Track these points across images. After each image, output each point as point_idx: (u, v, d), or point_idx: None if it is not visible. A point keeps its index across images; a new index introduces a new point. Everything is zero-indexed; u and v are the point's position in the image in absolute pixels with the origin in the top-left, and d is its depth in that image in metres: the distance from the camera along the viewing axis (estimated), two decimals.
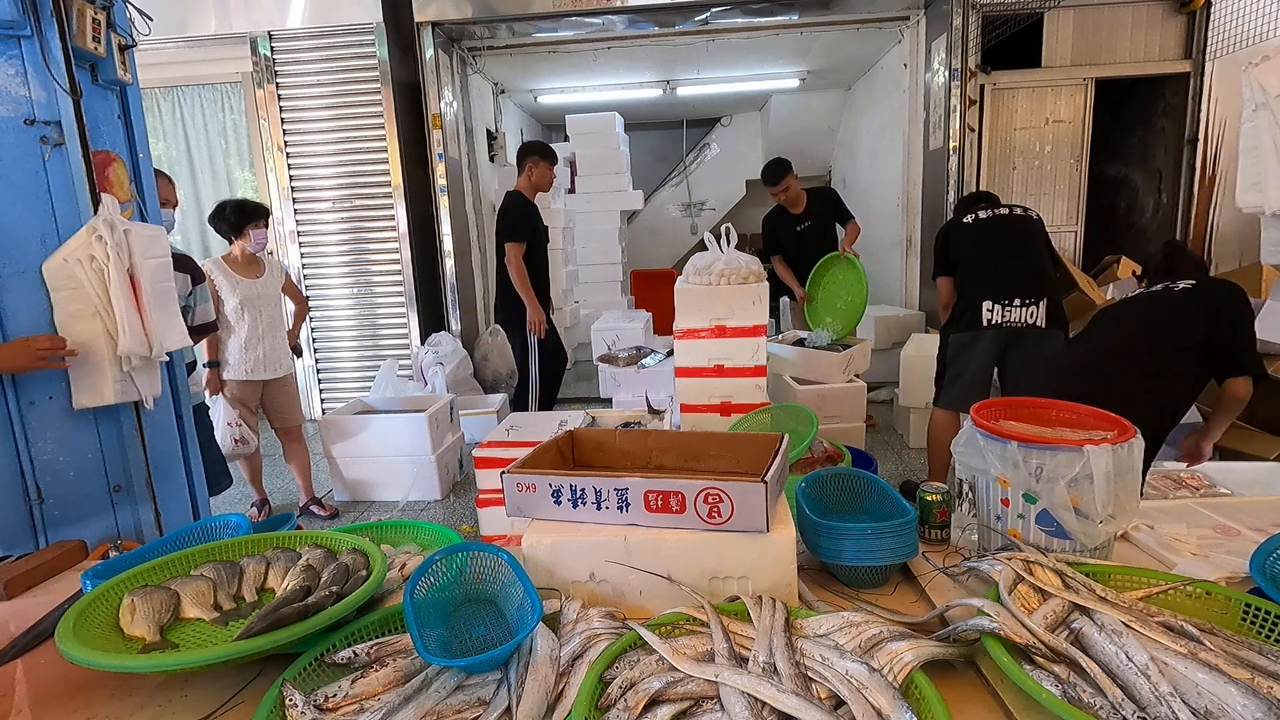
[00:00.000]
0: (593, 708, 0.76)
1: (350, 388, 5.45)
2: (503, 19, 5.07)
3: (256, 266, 3.37)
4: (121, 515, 2.02)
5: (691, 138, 9.98)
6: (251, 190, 5.33)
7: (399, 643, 0.89)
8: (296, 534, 1.17)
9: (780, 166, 4.29)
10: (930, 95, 5.20)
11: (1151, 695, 0.70)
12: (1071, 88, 5.01)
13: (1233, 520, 1.24)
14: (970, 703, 0.81)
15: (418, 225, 5.25)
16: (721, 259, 2.70)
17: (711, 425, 2.57)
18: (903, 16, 5.36)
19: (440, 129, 5.22)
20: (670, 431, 1.71)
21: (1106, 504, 1.01)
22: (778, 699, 0.73)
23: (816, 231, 4.37)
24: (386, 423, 3.70)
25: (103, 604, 0.95)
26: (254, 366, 3.33)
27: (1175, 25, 4.84)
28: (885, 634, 0.84)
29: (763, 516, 0.94)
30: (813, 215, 4.37)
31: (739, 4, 5.01)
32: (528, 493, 1.04)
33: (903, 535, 1.05)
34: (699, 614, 0.90)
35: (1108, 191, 5.70)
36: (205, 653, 0.83)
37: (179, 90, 5.28)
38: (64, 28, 1.79)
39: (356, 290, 5.36)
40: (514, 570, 0.95)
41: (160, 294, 1.98)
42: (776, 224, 4.49)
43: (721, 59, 6.46)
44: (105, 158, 1.96)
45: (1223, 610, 0.86)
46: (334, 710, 0.80)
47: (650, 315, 5.71)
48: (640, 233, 9.74)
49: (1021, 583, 0.90)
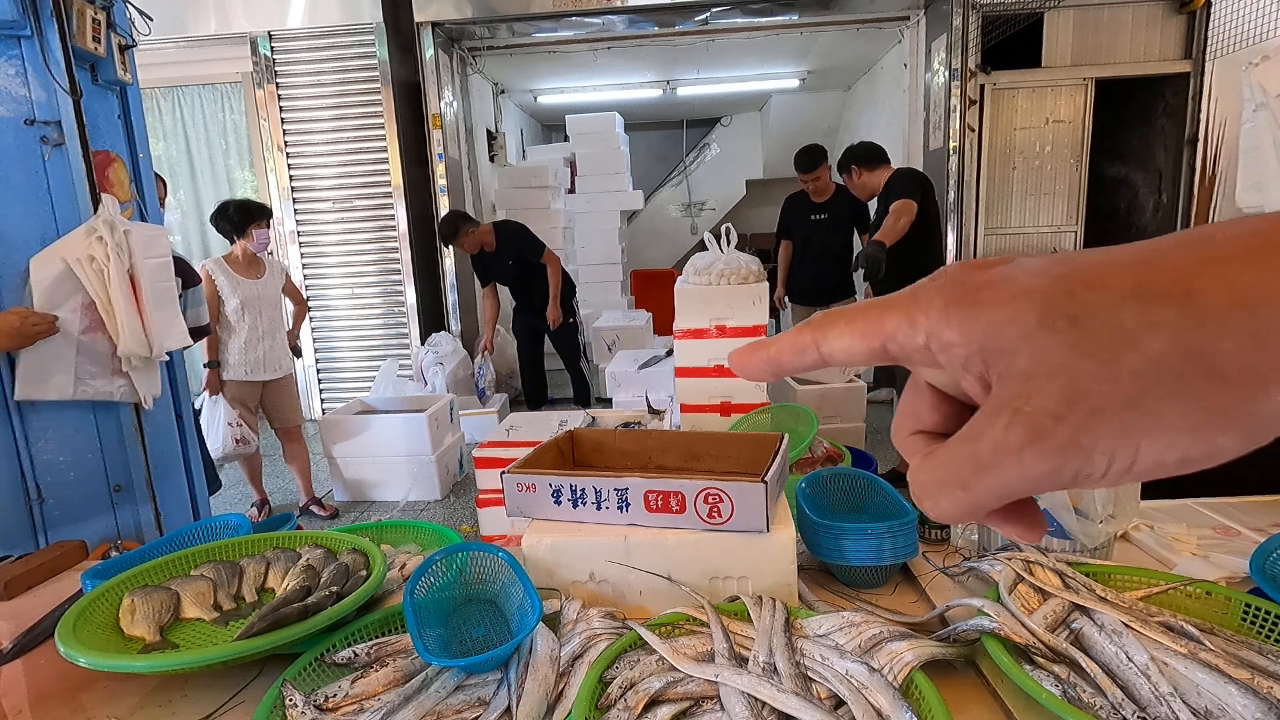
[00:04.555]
0: (593, 708, 0.76)
1: (350, 388, 5.45)
2: (503, 19, 5.07)
3: (257, 267, 3.37)
4: (121, 515, 2.02)
5: (691, 138, 9.98)
6: (251, 190, 5.33)
7: (399, 643, 0.89)
8: (296, 534, 1.17)
9: (814, 154, 4.15)
10: (930, 95, 5.21)
11: (1151, 695, 0.70)
12: (1071, 88, 5.01)
13: (1233, 520, 1.24)
14: (970, 703, 0.81)
15: (418, 225, 5.25)
16: (721, 259, 2.70)
17: (711, 425, 2.57)
18: (903, 16, 5.37)
19: (440, 129, 5.22)
20: (670, 431, 1.71)
21: (1106, 504, 1.01)
22: (778, 699, 0.73)
23: (829, 225, 4.28)
24: (386, 423, 3.70)
25: (103, 604, 0.95)
26: (254, 367, 3.33)
27: (1175, 25, 4.84)
28: (885, 634, 0.84)
29: (763, 516, 0.94)
30: (833, 210, 4.26)
31: (739, 4, 5.01)
32: (528, 493, 1.04)
33: (903, 535, 1.05)
34: (699, 614, 0.90)
35: (1108, 191, 5.70)
36: (205, 653, 0.83)
37: (179, 90, 5.28)
38: (64, 28, 1.79)
39: (356, 290, 5.36)
40: (514, 570, 0.95)
41: (160, 294, 1.98)
42: (793, 207, 4.38)
43: (721, 59, 6.46)
44: (105, 158, 1.97)
45: (1223, 610, 0.86)
46: (334, 710, 0.80)
47: (650, 315, 5.71)
48: (640, 233, 9.74)
49: (1021, 583, 0.90)
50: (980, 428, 0.23)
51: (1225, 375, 0.20)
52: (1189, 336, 0.20)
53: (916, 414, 0.28)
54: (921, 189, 3.26)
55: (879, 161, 3.53)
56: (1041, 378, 0.21)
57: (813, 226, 4.31)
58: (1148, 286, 0.21)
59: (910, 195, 3.18)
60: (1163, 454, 0.21)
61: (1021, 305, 0.22)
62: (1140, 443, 0.21)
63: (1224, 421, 0.20)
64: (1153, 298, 0.21)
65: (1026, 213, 5.26)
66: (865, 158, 3.52)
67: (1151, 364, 0.20)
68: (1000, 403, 0.22)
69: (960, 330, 0.23)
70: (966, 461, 0.23)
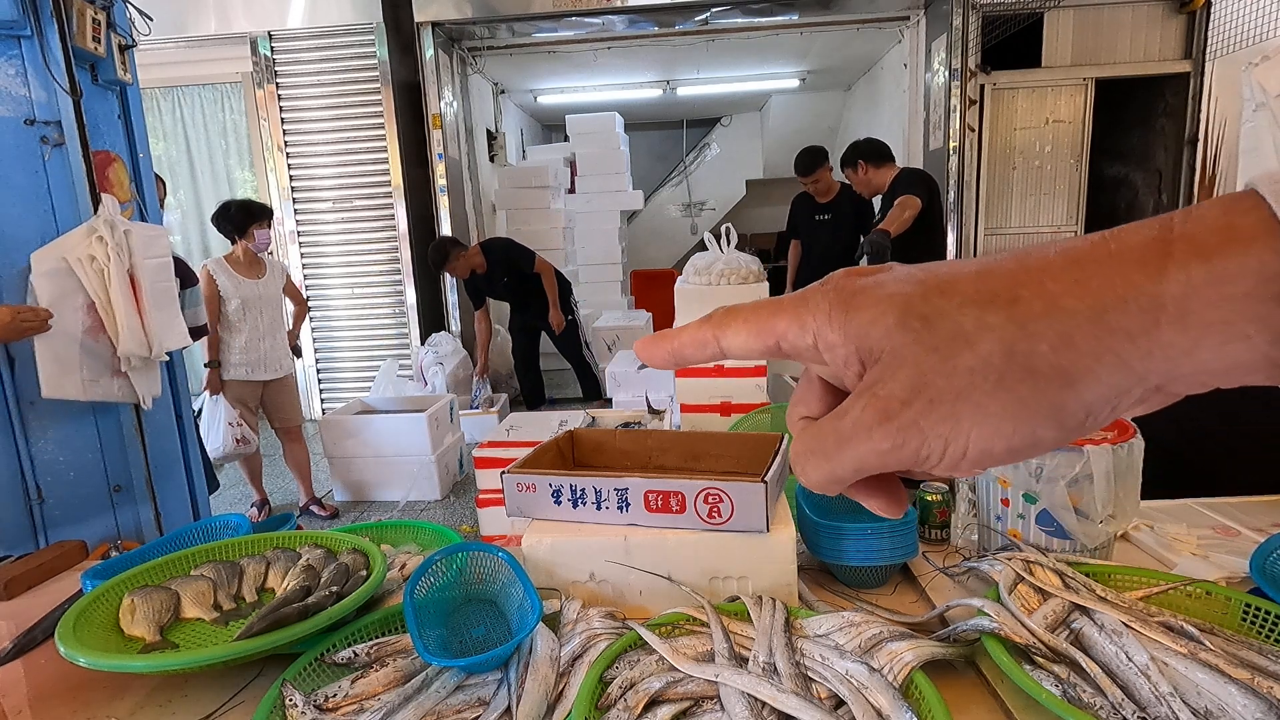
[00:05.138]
0: (593, 708, 0.76)
1: (350, 388, 5.45)
2: (503, 19, 5.07)
3: (258, 267, 3.37)
4: (121, 515, 2.02)
5: (691, 138, 9.98)
6: (251, 190, 5.33)
7: (399, 643, 0.89)
8: (296, 534, 1.17)
9: (813, 157, 4.10)
10: (930, 95, 5.20)
11: (1151, 695, 0.70)
12: (1071, 88, 5.01)
13: (1233, 520, 1.24)
14: (970, 703, 0.81)
15: (417, 225, 5.25)
16: (721, 259, 2.70)
17: (711, 425, 2.57)
18: (903, 16, 5.37)
19: (440, 129, 5.22)
20: (670, 431, 1.71)
21: (1106, 504, 1.01)
22: (778, 699, 0.73)
23: (834, 225, 4.25)
24: (386, 423, 3.70)
25: (103, 604, 0.95)
26: (254, 366, 3.33)
27: (1175, 25, 4.84)
28: (885, 634, 0.84)
29: (763, 516, 0.94)
30: (837, 210, 4.23)
31: (739, 4, 5.01)
32: (528, 493, 1.04)
33: (903, 535, 1.05)
34: (699, 614, 0.90)
35: (1108, 192, 5.70)
36: (205, 653, 0.83)
37: (179, 90, 5.28)
38: (64, 28, 1.79)
39: (356, 290, 5.36)
40: (514, 570, 0.95)
41: (160, 294, 1.98)
42: (799, 207, 4.37)
43: (721, 59, 6.46)
44: (105, 158, 1.97)
45: (1223, 610, 0.86)
46: (334, 710, 0.80)
47: (650, 315, 5.71)
48: (640, 233, 9.74)
49: (1021, 583, 0.90)
50: (846, 408, 0.26)
51: (1040, 373, 0.22)
52: (1011, 338, 0.23)
53: (806, 402, 0.31)
54: (928, 189, 3.27)
55: (885, 159, 3.55)
56: (895, 368, 0.24)
57: (817, 226, 4.30)
58: (985, 293, 0.24)
59: (916, 192, 3.20)
60: (990, 442, 0.23)
61: (885, 308, 0.25)
62: (970, 431, 0.23)
63: (1039, 414, 0.23)
64: (987, 303, 0.23)
65: (1026, 213, 5.26)
66: (871, 154, 3.54)
67: (981, 361, 0.23)
68: (863, 387, 0.26)
69: (841, 332, 0.26)
70: (830, 435, 0.26)
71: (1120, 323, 0.21)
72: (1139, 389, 0.22)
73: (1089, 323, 0.22)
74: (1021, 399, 0.23)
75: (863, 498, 0.30)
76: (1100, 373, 0.22)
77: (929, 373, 0.24)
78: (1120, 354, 0.22)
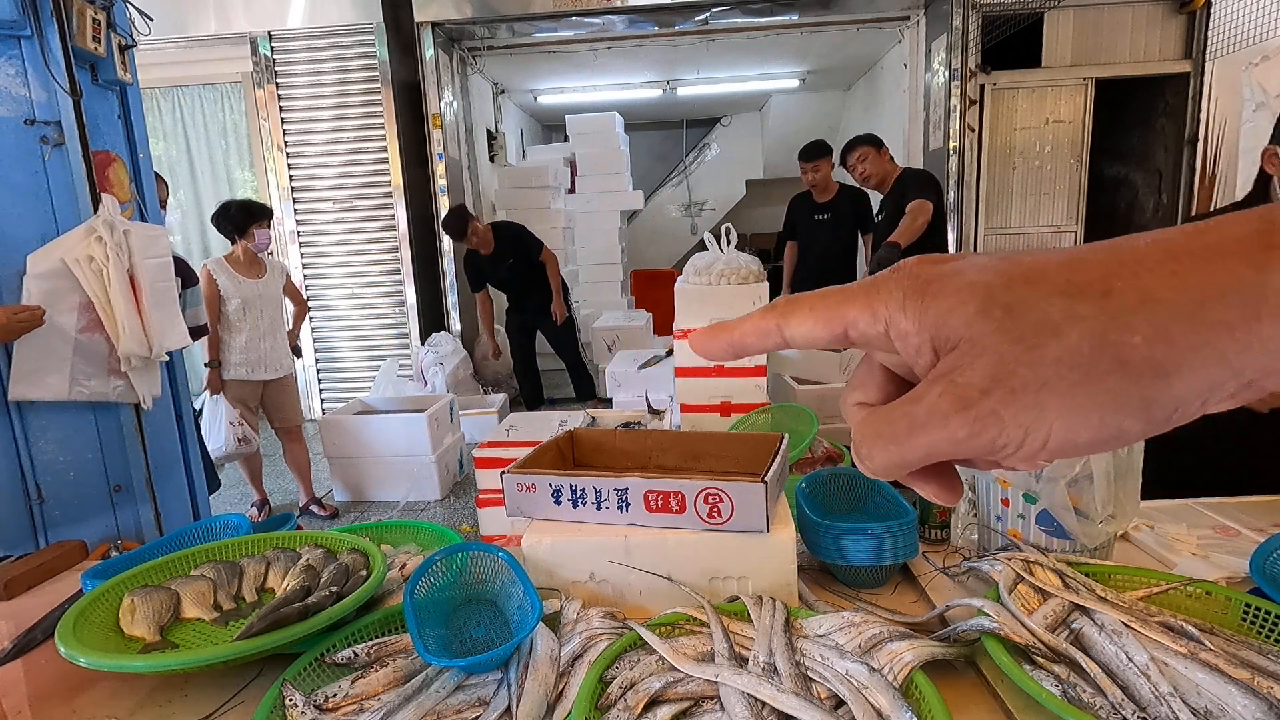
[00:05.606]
0: (593, 708, 0.76)
1: (350, 388, 5.45)
2: (503, 19, 5.07)
3: (258, 267, 3.37)
4: (121, 515, 2.02)
5: (691, 138, 9.98)
6: (251, 190, 5.33)
7: (399, 643, 0.89)
8: (296, 534, 1.17)
9: (819, 146, 4.14)
10: (930, 95, 5.20)
11: (1151, 695, 0.70)
12: (1071, 88, 5.01)
13: (1233, 520, 1.24)
14: (970, 703, 0.81)
15: (417, 225, 5.26)
16: (721, 259, 2.70)
17: (711, 425, 2.57)
18: (903, 16, 5.37)
19: (440, 129, 5.22)
20: (670, 431, 1.71)
21: (1106, 504, 1.01)
22: (778, 699, 0.73)
23: (832, 225, 4.22)
24: (386, 423, 3.70)
25: (103, 604, 0.95)
26: (254, 366, 3.33)
27: (1175, 25, 4.84)
28: (885, 634, 0.84)
29: (763, 516, 0.94)
30: (835, 209, 4.21)
31: (739, 4, 5.02)
32: (528, 493, 1.04)
33: (903, 535, 1.04)
34: (699, 614, 0.90)
35: (1108, 191, 5.70)
36: (205, 653, 0.83)
37: (179, 90, 5.28)
38: (64, 28, 1.79)
39: (356, 290, 5.36)
40: (514, 570, 0.95)
41: (160, 294, 1.98)
42: (797, 207, 4.35)
43: (721, 59, 6.46)
44: (105, 158, 1.97)
45: (1223, 610, 0.86)
46: (334, 710, 0.80)
47: (650, 315, 5.71)
48: (640, 233, 9.74)
49: (1021, 583, 0.90)
50: (919, 394, 0.26)
51: (1132, 365, 0.22)
52: (1103, 329, 0.22)
53: (865, 389, 0.30)
54: (937, 191, 3.32)
55: (883, 147, 3.67)
56: (974, 356, 0.24)
57: (815, 226, 4.28)
58: (1075, 284, 0.23)
59: (926, 196, 3.23)
60: (1074, 433, 0.23)
61: (965, 296, 0.25)
62: (1054, 421, 0.23)
63: (1128, 407, 0.22)
64: (1077, 294, 0.23)
65: (1026, 213, 5.26)
66: (873, 141, 3.65)
67: (1069, 352, 0.23)
68: (938, 374, 0.25)
69: (915, 320, 0.25)
70: (902, 420, 0.26)
71: (1219, 315, 0.21)
72: (1233, 383, 0.22)
73: (1187, 315, 0.21)
74: (1110, 390, 0.22)
75: (918, 484, 0.29)
76: (1195, 366, 0.22)
77: (1012, 362, 0.23)
78: (1218, 347, 0.21)
